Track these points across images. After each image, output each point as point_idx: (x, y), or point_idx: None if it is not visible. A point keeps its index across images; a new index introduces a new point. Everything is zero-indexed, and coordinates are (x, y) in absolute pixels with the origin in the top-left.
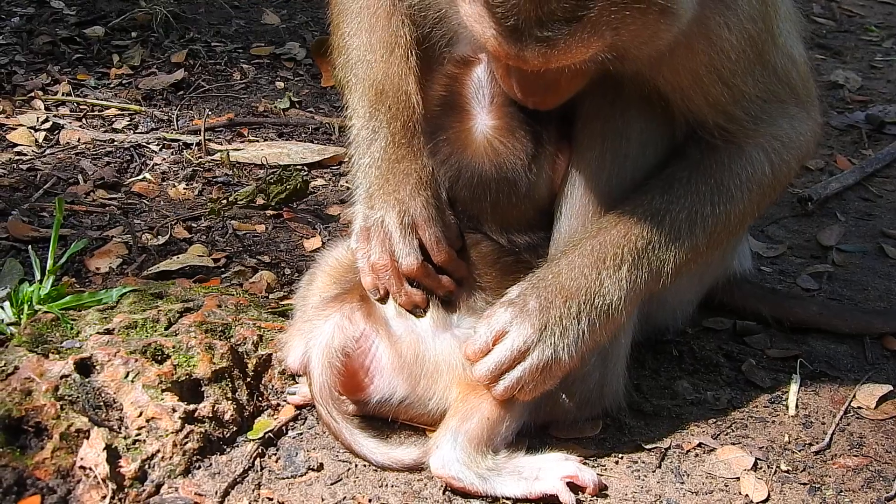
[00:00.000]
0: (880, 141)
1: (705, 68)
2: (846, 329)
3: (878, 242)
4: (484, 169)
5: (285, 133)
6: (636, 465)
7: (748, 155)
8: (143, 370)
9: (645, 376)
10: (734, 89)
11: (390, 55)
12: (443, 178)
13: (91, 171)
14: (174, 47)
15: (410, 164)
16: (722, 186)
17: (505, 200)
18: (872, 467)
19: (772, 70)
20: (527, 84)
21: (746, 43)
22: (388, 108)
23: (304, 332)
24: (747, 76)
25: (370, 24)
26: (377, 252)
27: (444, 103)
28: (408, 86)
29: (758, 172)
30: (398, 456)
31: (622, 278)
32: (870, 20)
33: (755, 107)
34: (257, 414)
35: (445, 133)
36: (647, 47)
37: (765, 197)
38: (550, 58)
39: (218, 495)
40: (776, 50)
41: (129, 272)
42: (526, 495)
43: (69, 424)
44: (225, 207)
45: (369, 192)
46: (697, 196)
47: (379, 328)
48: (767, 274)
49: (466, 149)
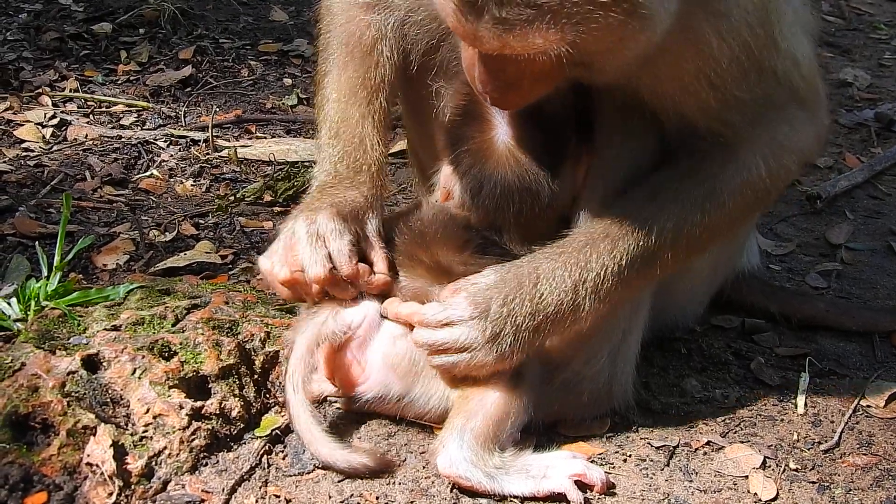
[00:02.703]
0: (889, 139)
1: (693, 76)
2: (855, 327)
3: (887, 240)
4: (507, 179)
5: (293, 130)
6: (644, 463)
7: (742, 160)
8: (151, 367)
9: (653, 374)
10: (727, 95)
11: (352, 97)
12: (464, 190)
13: (98, 167)
14: (182, 44)
15: (342, 191)
16: (714, 192)
17: (528, 211)
18: (882, 466)
19: (770, 74)
20: (489, 76)
21: (741, 50)
22: (340, 150)
23: (297, 327)
24: (741, 83)
25: (343, 63)
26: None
27: (464, 113)
28: (362, 129)
29: (753, 177)
30: (346, 456)
31: (600, 297)
32: (879, 18)
33: (751, 111)
34: (265, 411)
35: (466, 144)
36: (615, 56)
37: (760, 201)
38: (506, 41)
39: (225, 492)
40: (777, 55)
41: (136, 269)
42: (534, 493)
43: (76, 421)
44: (232, 204)
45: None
46: (687, 203)
47: (374, 324)
48: (776, 272)
49: (489, 159)
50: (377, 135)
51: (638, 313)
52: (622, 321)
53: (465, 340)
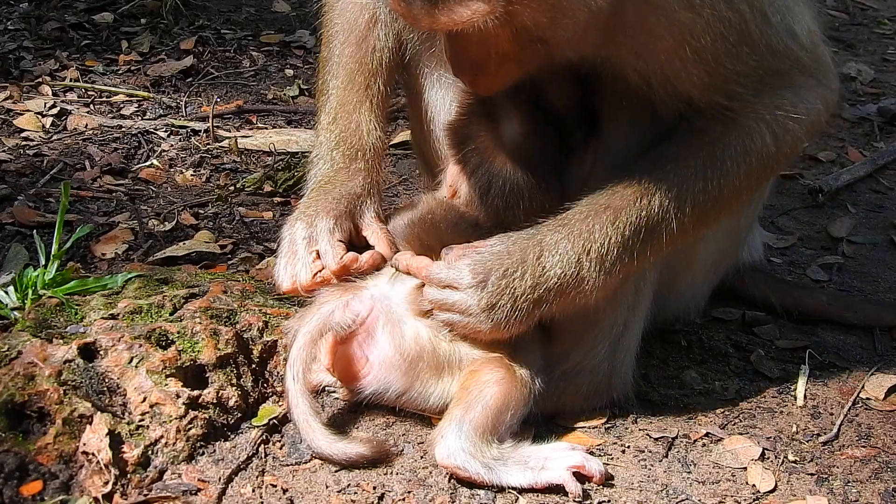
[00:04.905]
0: (892, 133)
1: (673, 52)
2: (856, 320)
3: (889, 234)
4: (516, 177)
5: (294, 121)
6: (643, 454)
7: (745, 126)
8: (148, 356)
9: (653, 366)
10: (721, 69)
11: (350, 83)
12: (472, 189)
13: (98, 156)
14: (183, 34)
15: (337, 186)
16: (715, 159)
17: (538, 207)
18: (880, 458)
19: (765, 48)
20: (456, 59)
21: (724, 26)
22: (336, 135)
23: (302, 316)
24: (734, 57)
25: (340, 49)
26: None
27: (470, 112)
28: (359, 115)
29: (757, 143)
30: (343, 448)
31: (604, 270)
32: (883, 13)
33: (752, 81)
34: (262, 400)
35: (473, 142)
36: (561, 27)
37: (766, 169)
38: (436, 17)
39: (221, 482)
40: (769, 29)
41: (134, 258)
42: (532, 485)
43: (72, 410)
44: (232, 194)
45: (299, 210)
46: (689, 171)
47: (380, 320)
48: (777, 265)
49: (496, 157)
50: (374, 119)
51: (639, 305)
52: (623, 313)
53: (463, 307)
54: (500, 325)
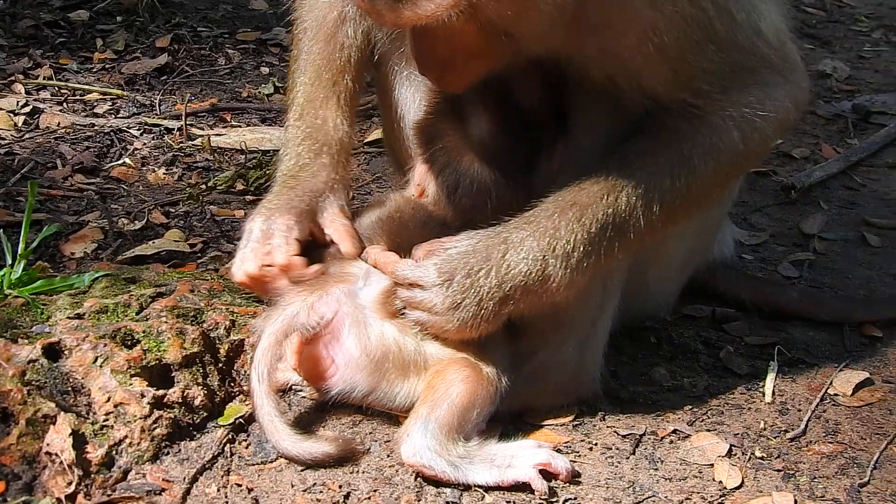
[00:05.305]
0: (866, 130)
1: (636, 49)
2: (826, 317)
3: (861, 231)
4: (484, 176)
5: (268, 119)
6: (610, 451)
7: (712, 124)
8: (112, 355)
9: (622, 363)
10: (686, 66)
11: (317, 79)
12: (440, 188)
13: (70, 155)
14: (159, 32)
15: (300, 182)
16: (683, 156)
17: (506, 205)
18: (847, 454)
19: (731, 45)
20: (421, 56)
21: (687, 23)
22: (303, 131)
23: (268, 316)
24: (699, 54)
25: (308, 47)
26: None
27: (438, 110)
28: (325, 111)
29: (725, 140)
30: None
31: (570, 267)
32: (859, 10)
33: (719, 79)
34: (228, 399)
35: (441, 141)
36: (527, 21)
37: (735, 166)
38: (400, 12)
39: (186, 481)
40: (735, 26)
41: (103, 257)
42: (498, 483)
43: (36, 410)
44: (204, 193)
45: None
46: (656, 168)
47: (346, 321)
48: (749, 261)
49: (464, 156)
50: (341, 115)
51: (607, 302)
52: (591, 310)
53: (429, 304)
54: (465, 325)
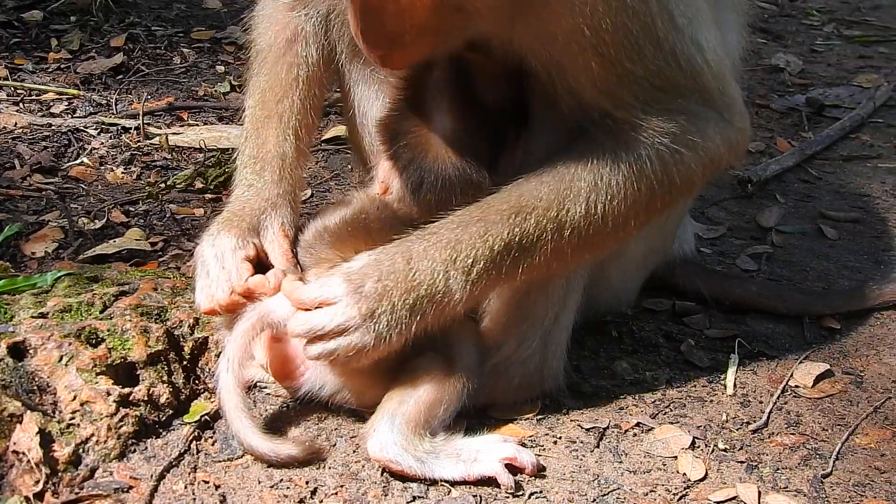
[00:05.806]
0: (820, 123)
1: (570, 35)
2: (785, 309)
3: (818, 224)
4: (447, 172)
5: (225, 117)
6: (574, 444)
7: (633, 150)
8: (78, 354)
9: (584, 357)
10: (616, 66)
11: (261, 101)
12: (404, 185)
13: (28, 155)
14: (114, 31)
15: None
16: (599, 183)
17: (471, 202)
18: (809, 445)
19: (668, 53)
20: (369, 32)
21: (626, 15)
22: (248, 155)
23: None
24: (634, 54)
25: (257, 70)
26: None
27: (401, 107)
28: (266, 130)
29: (647, 170)
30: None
31: (471, 280)
32: (811, 4)
33: (645, 92)
34: (194, 397)
35: (405, 138)
36: None
37: (656, 199)
38: None
39: (153, 479)
40: (675, 32)
41: (65, 256)
42: (464, 478)
43: (2, 409)
44: (163, 191)
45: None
46: (570, 193)
47: None
48: (707, 255)
49: (428, 153)
50: (283, 132)
51: (569, 297)
52: (553, 305)
53: (342, 320)
54: (382, 337)
